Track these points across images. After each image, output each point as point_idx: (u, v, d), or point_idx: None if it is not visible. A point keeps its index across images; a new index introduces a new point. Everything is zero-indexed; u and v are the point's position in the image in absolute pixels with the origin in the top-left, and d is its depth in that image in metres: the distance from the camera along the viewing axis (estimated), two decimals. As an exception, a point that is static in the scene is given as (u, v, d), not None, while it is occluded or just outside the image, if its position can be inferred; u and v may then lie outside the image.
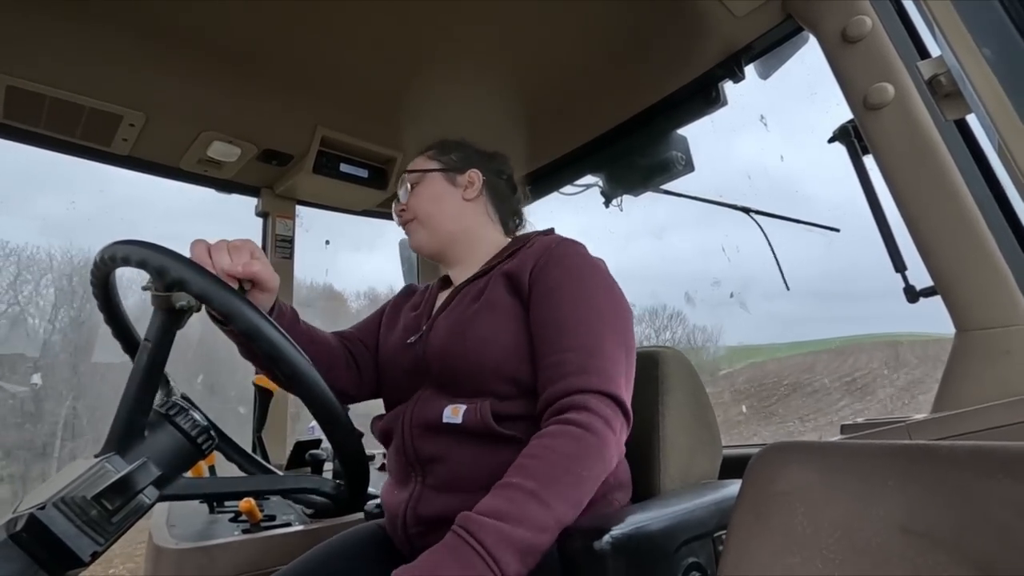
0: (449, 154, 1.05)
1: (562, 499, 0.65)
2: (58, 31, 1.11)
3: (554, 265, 0.84)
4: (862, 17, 0.97)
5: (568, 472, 0.67)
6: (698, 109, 1.41)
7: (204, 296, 0.62)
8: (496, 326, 0.83)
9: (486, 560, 0.60)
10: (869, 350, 13.12)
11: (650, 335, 18.97)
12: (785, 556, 0.44)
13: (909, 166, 0.94)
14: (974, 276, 0.88)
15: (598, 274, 0.85)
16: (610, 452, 0.72)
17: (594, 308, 0.80)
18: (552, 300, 0.81)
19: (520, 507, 0.64)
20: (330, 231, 2.09)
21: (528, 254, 0.89)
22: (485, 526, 0.62)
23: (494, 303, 0.85)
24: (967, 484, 0.38)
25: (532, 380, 0.80)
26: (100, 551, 0.53)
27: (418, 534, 0.81)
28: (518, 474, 0.67)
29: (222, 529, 1.13)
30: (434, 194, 1.01)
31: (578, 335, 0.77)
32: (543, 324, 0.81)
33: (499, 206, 1.06)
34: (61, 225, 26.01)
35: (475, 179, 1.02)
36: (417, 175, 1.03)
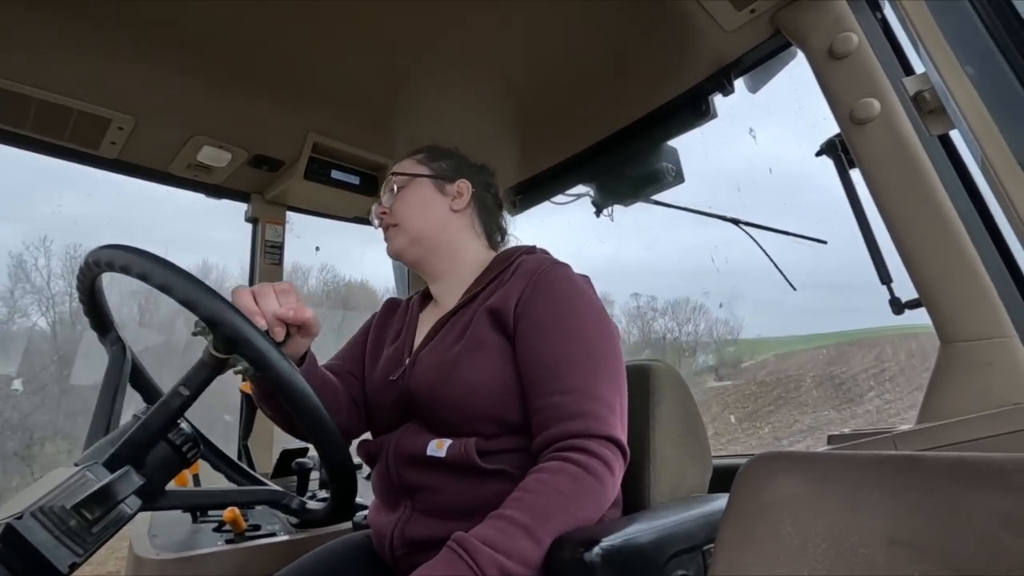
0: (439, 161, 1.02)
1: (551, 535, 0.66)
2: (46, 33, 1.11)
3: (540, 296, 0.81)
4: (849, 34, 0.99)
5: (562, 510, 0.67)
6: (688, 121, 1.43)
7: (189, 303, 0.61)
8: (482, 369, 0.80)
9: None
10: (894, 342, 13.17)
11: (673, 328, 19.00)
12: (773, 566, 0.44)
13: (894, 180, 0.95)
14: (958, 289, 0.90)
15: (586, 303, 0.83)
16: (607, 494, 0.72)
17: (585, 346, 0.78)
18: (542, 337, 0.79)
19: (511, 540, 0.64)
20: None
21: (513, 283, 0.85)
22: (480, 550, 0.62)
23: (479, 342, 0.82)
24: (952, 494, 0.39)
25: (519, 419, 0.79)
26: (79, 562, 0.52)
27: (405, 555, 0.81)
28: (513, 506, 0.67)
29: (205, 539, 1.11)
30: (421, 200, 0.97)
31: (572, 376, 0.75)
32: (534, 364, 0.78)
33: (485, 220, 1.03)
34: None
35: (464, 190, 0.99)
36: (405, 179, 0.99)
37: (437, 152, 1.04)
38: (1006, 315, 0.87)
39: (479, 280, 0.93)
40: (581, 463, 0.70)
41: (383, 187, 1.02)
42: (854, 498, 0.43)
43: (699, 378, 17.26)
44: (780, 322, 42.38)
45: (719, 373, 17.06)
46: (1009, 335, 0.87)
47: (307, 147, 1.55)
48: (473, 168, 1.05)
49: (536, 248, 0.98)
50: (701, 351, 18.72)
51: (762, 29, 1.16)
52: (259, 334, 0.62)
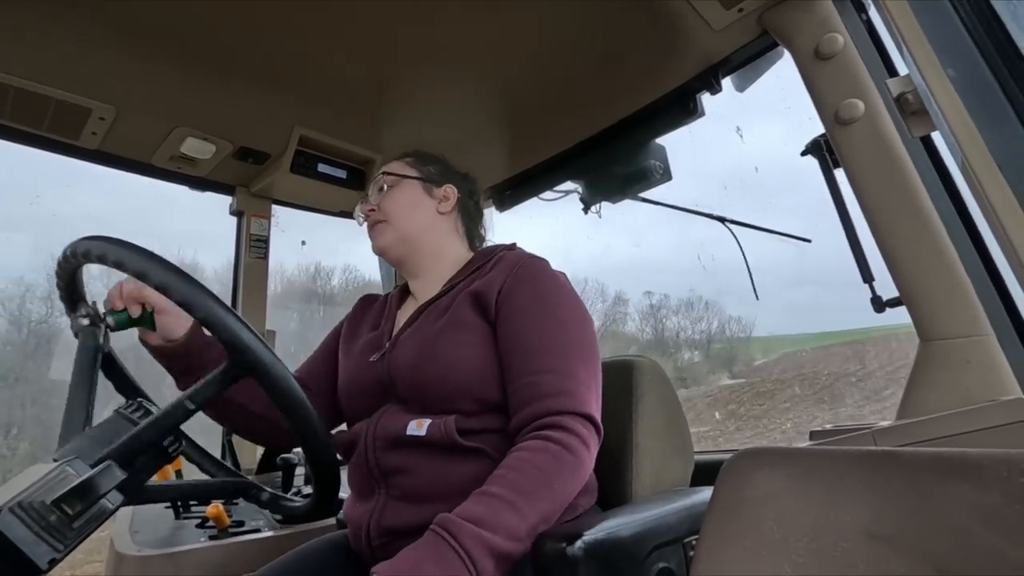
0: (428, 165, 1.06)
1: (536, 511, 0.68)
2: (24, 18, 1.08)
3: (522, 284, 0.86)
4: (834, 35, 1.00)
5: (544, 486, 0.69)
6: (676, 119, 1.44)
7: (165, 287, 0.61)
8: (464, 347, 0.83)
9: (464, 560, 0.62)
10: (907, 340, 13.35)
11: (685, 326, 19.05)
12: (755, 561, 0.45)
13: (877, 180, 0.97)
14: (937, 288, 0.91)
15: (564, 292, 0.87)
16: (584, 470, 0.75)
17: (563, 329, 0.83)
18: (522, 321, 0.83)
19: (497, 515, 0.66)
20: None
21: (495, 273, 0.89)
22: (464, 528, 0.64)
23: (461, 322, 0.85)
24: (929, 489, 0.39)
25: (498, 398, 0.82)
26: (59, 558, 0.51)
27: (381, 545, 0.81)
28: (497, 484, 0.69)
29: (188, 535, 1.10)
30: (410, 200, 1.01)
31: (551, 358, 0.79)
32: (515, 346, 0.82)
33: (468, 224, 1.07)
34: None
35: (451, 194, 1.04)
36: (394, 179, 1.03)
37: (425, 157, 1.08)
38: (984, 314, 0.89)
39: (460, 272, 0.97)
40: (560, 440, 0.73)
41: (371, 185, 1.06)
42: (834, 493, 0.44)
43: (712, 376, 17.42)
44: (782, 320, 42.79)
45: (732, 371, 17.24)
46: (986, 333, 0.88)
47: (293, 140, 1.53)
48: (458, 175, 1.09)
49: (515, 245, 1.01)
50: (699, 348, 18.85)
51: (750, 29, 1.17)
52: (160, 261, 0.62)
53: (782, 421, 11.94)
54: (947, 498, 0.38)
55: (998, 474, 0.37)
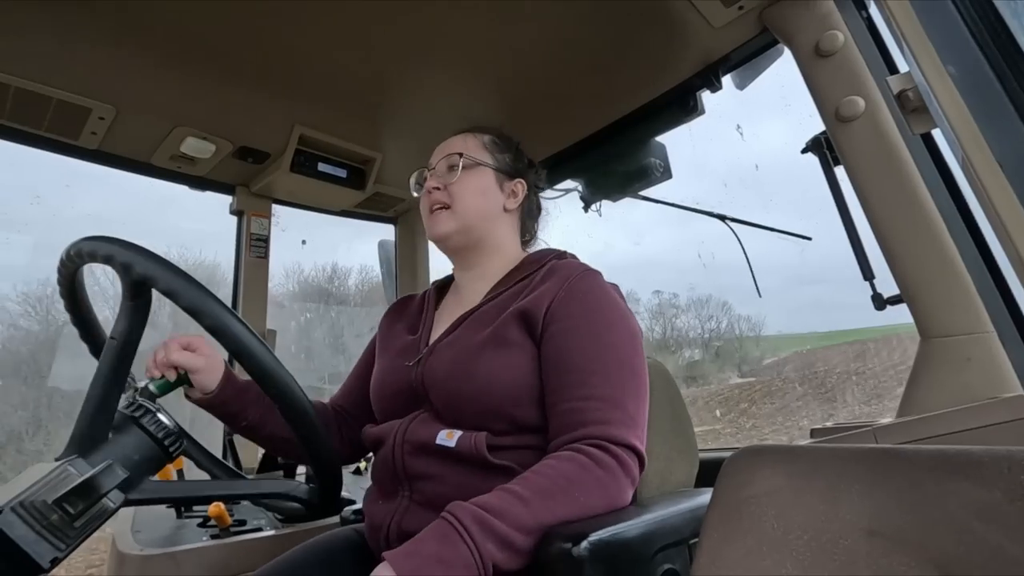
0: (505, 153, 0.99)
1: (550, 512, 0.66)
2: (24, 17, 1.08)
3: (574, 301, 0.81)
4: (835, 32, 1.00)
5: (564, 492, 0.68)
6: (676, 117, 1.44)
7: (171, 292, 0.61)
8: (504, 367, 0.79)
9: (464, 537, 0.62)
10: (915, 340, 13.28)
11: (696, 325, 19.05)
12: (756, 558, 0.45)
13: (877, 177, 0.97)
14: (938, 285, 0.91)
15: (618, 313, 0.82)
16: (616, 491, 0.71)
17: (616, 355, 0.78)
18: (573, 342, 0.78)
19: (504, 504, 0.65)
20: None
21: (545, 287, 0.84)
22: (466, 509, 0.64)
23: (505, 340, 0.81)
24: (930, 487, 0.39)
25: (534, 419, 0.79)
26: (61, 557, 0.52)
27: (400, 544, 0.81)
28: (516, 483, 0.69)
29: (190, 534, 1.10)
30: (480, 188, 0.95)
31: (600, 384, 0.75)
32: (561, 367, 0.77)
33: (527, 222, 1.03)
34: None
35: (519, 190, 0.99)
36: (472, 162, 0.95)
37: (504, 142, 1.01)
38: (985, 311, 0.89)
39: (507, 278, 0.92)
40: (593, 456, 0.70)
41: (439, 160, 0.98)
42: (835, 490, 0.44)
43: (722, 374, 17.40)
44: (785, 318, 42.78)
45: (742, 369, 17.22)
46: (987, 331, 0.88)
47: (293, 139, 1.53)
48: (531, 167, 1.03)
49: (567, 253, 0.97)
50: (708, 348, 18.90)
51: (750, 26, 1.17)
52: (163, 263, 0.63)
53: (798, 419, 11.96)
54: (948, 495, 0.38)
55: (999, 471, 0.37)
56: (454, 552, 0.61)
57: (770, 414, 12.66)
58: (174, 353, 0.84)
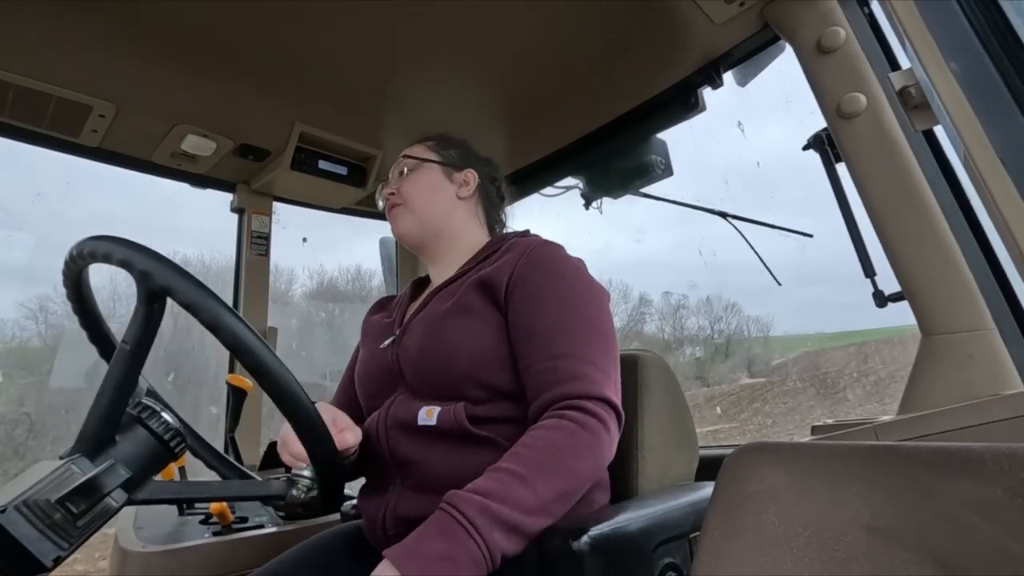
0: (449, 149, 1.05)
1: (549, 487, 0.66)
2: (24, 15, 1.08)
3: (535, 269, 0.83)
4: (836, 28, 0.99)
5: (557, 462, 0.68)
6: (677, 114, 1.43)
7: (169, 289, 0.61)
8: (468, 332, 0.82)
9: (469, 532, 0.61)
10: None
11: (705, 326, 19.12)
12: (756, 555, 0.45)
13: (879, 174, 0.96)
14: (939, 282, 0.91)
15: (580, 277, 0.85)
16: (603, 451, 0.73)
17: (581, 314, 0.80)
18: (537, 306, 0.80)
19: (505, 487, 0.65)
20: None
21: (506, 259, 0.88)
22: (469, 500, 0.63)
23: (467, 307, 0.84)
24: (930, 484, 0.39)
25: (509, 385, 0.81)
26: (64, 556, 0.52)
27: (397, 535, 0.80)
28: (509, 460, 0.68)
29: (192, 531, 1.10)
30: (430, 184, 1.01)
31: (568, 343, 0.77)
32: (529, 331, 0.80)
33: (488, 210, 1.07)
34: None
35: (471, 179, 1.03)
36: (415, 162, 1.03)
37: (447, 141, 1.07)
38: (986, 308, 0.89)
39: (473, 258, 0.96)
40: (577, 420, 0.71)
41: (392, 169, 1.06)
42: (836, 487, 0.44)
43: (733, 375, 17.47)
44: (790, 319, 42.59)
45: (751, 370, 17.28)
46: (989, 328, 0.88)
47: (294, 137, 1.53)
48: (480, 160, 1.08)
49: (529, 232, 1.01)
50: (704, 345, 18.95)
51: (751, 22, 1.16)
52: (162, 260, 0.61)
53: (816, 418, 12.02)
54: (948, 492, 0.38)
55: (1000, 468, 0.37)
56: (460, 548, 0.60)
57: (785, 412, 12.71)
58: (348, 436, 0.79)
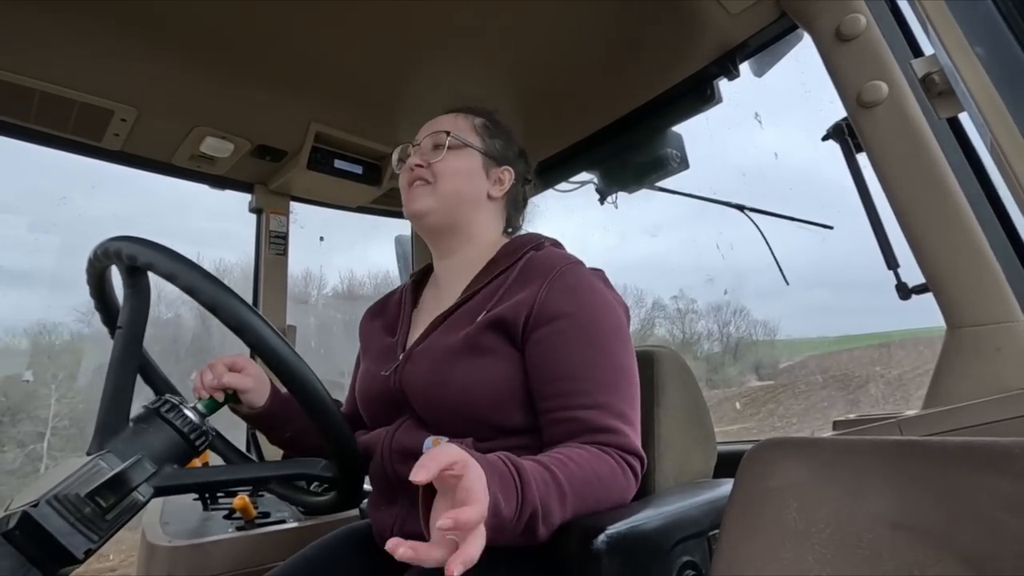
0: (497, 139, 0.96)
1: (574, 511, 0.66)
2: (48, 24, 1.10)
3: (557, 301, 0.77)
4: (856, 15, 0.97)
5: (592, 492, 0.68)
6: (693, 106, 1.41)
7: (191, 289, 0.62)
8: (480, 374, 0.77)
9: (511, 526, 0.58)
10: (933, 344, 13.43)
11: (713, 330, 19.13)
12: (777, 551, 0.44)
13: (902, 164, 0.94)
14: (965, 273, 0.89)
15: (605, 308, 0.79)
16: (626, 496, 0.73)
17: (607, 358, 0.75)
18: (560, 347, 0.75)
19: (548, 493, 0.62)
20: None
21: (521, 288, 0.80)
22: (530, 485, 0.60)
23: (479, 347, 0.78)
24: (956, 479, 0.39)
25: (523, 424, 0.78)
26: (94, 548, 0.53)
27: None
28: (558, 467, 0.65)
29: (216, 526, 1.13)
30: (467, 171, 0.91)
31: (596, 391, 0.73)
32: (552, 374, 0.75)
33: (511, 212, 1.00)
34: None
35: (506, 179, 0.95)
36: (458, 142, 0.92)
37: (496, 127, 0.98)
38: (1014, 300, 0.86)
39: (484, 272, 0.89)
40: (617, 460, 0.71)
41: (425, 137, 0.94)
42: (858, 483, 0.43)
43: (742, 377, 17.40)
44: (798, 322, 41.98)
45: (760, 373, 17.18)
46: (1017, 320, 0.86)
47: (310, 137, 1.55)
48: (520, 156, 1.00)
49: (544, 241, 0.92)
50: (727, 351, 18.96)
51: (768, 11, 1.14)
52: (186, 262, 0.64)
53: (832, 417, 12.01)
54: (977, 488, 0.37)
55: (1030, 463, 0.36)
56: (501, 528, 0.57)
57: (799, 413, 12.63)
58: (225, 376, 0.84)
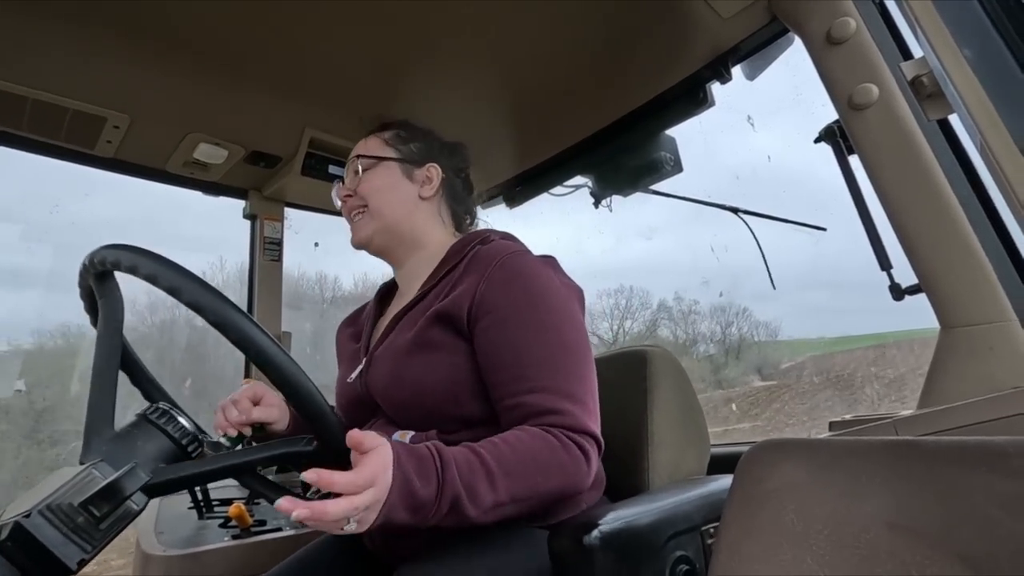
0: (409, 143, 0.97)
1: (508, 492, 0.65)
2: (39, 31, 1.10)
3: (498, 291, 0.77)
4: (846, 19, 0.98)
5: (528, 472, 0.67)
6: (686, 110, 1.42)
7: (117, 263, 0.62)
8: (431, 368, 0.78)
9: (432, 510, 0.61)
10: (928, 344, 13.58)
11: (716, 331, 19.26)
12: (776, 553, 0.44)
13: (893, 165, 0.95)
14: (958, 274, 0.90)
15: (547, 290, 0.79)
16: (578, 478, 0.71)
17: (551, 337, 0.75)
18: (503, 334, 0.75)
19: (474, 476, 0.64)
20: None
21: (465, 282, 0.81)
22: (450, 468, 0.62)
23: (428, 343, 0.80)
24: (952, 479, 0.39)
25: (480, 413, 0.79)
26: (88, 558, 0.53)
27: (383, 543, 0.83)
28: (487, 448, 0.67)
29: (211, 535, 1.12)
30: (388, 184, 0.93)
31: (541, 375, 0.73)
32: (497, 363, 0.75)
33: (453, 207, 0.99)
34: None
35: (433, 176, 0.95)
36: (369, 161, 0.94)
37: (408, 133, 0.99)
38: (1006, 299, 0.87)
39: (434, 274, 0.89)
40: (561, 439, 0.70)
41: (347, 167, 0.98)
42: (855, 484, 0.43)
43: (745, 377, 17.52)
44: (803, 324, 42.02)
45: (762, 373, 17.31)
46: (1009, 319, 0.87)
47: (304, 143, 1.54)
48: (444, 150, 1.00)
49: (491, 235, 0.91)
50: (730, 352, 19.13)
51: (759, 15, 1.15)
52: (181, 270, 0.63)
53: (828, 417, 12.10)
54: (972, 487, 0.37)
55: (1024, 462, 0.36)
56: (421, 508, 0.60)
57: (802, 412, 12.71)
58: (254, 412, 0.86)
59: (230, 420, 0.84)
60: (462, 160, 1.03)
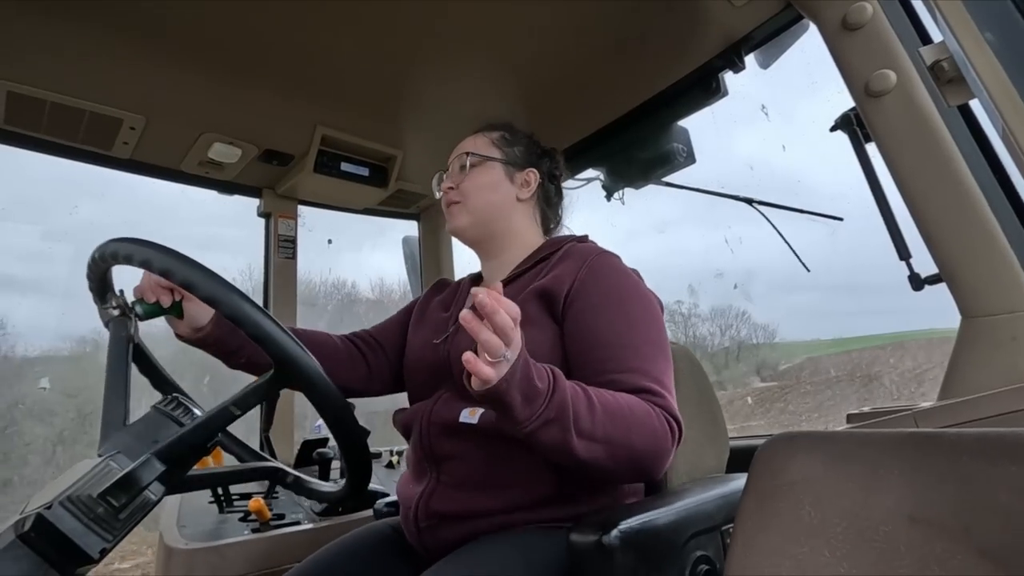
0: (514, 147, 1.02)
1: (604, 431, 0.67)
2: (57, 35, 1.11)
3: (597, 281, 0.83)
4: (863, 3, 0.96)
5: (624, 422, 0.69)
6: (698, 100, 1.40)
7: (189, 284, 0.63)
8: (525, 343, 0.81)
9: (539, 414, 0.63)
10: (926, 347, 13.44)
11: (715, 332, 19.39)
12: (792, 546, 0.44)
13: (912, 153, 0.93)
14: (979, 263, 0.88)
15: (640, 292, 0.85)
16: (663, 449, 0.72)
17: (644, 333, 0.80)
18: (600, 318, 0.80)
19: (575, 400, 0.66)
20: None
21: (564, 268, 0.86)
22: (561, 400, 0.64)
23: (525, 317, 0.80)
24: (973, 471, 0.38)
25: None
26: (109, 547, 0.54)
27: (428, 528, 0.82)
28: (592, 388, 0.69)
29: (232, 529, 1.14)
30: (491, 183, 0.99)
31: (635, 359, 0.77)
32: (592, 342, 0.79)
33: (545, 210, 1.05)
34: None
35: (532, 180, 1.01)
36: (478, 159, 1.00)
37: (513, 136, 1.04)
38: (1030, 288, 0.85)
39: (527, 260, 0.95)
40: (655, 409, 0.72)
41: (452, 160, 1.03)
42: (874, 477, 0.43)
43: (746, 378, 17.56)
44: (797, 326, 41.62)
45: (761, 374, 17.33)
46: (1033, 309, 0.85)
47: (316, 140, 1.55)
48: (543, 155, 1.05)
49: (587, 238, 0.99)
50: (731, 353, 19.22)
51: (772, 3, 1.13)
52: (184, 259, 0.64)
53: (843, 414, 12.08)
54: (994, 480, 0.37)
55: (1049, 453, 0.35)
56: (534, 399, 0.63)
57: (808, 411, 12.67)
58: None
59: (149, 284, 0.79)
60: (556, 166, 1.08)
